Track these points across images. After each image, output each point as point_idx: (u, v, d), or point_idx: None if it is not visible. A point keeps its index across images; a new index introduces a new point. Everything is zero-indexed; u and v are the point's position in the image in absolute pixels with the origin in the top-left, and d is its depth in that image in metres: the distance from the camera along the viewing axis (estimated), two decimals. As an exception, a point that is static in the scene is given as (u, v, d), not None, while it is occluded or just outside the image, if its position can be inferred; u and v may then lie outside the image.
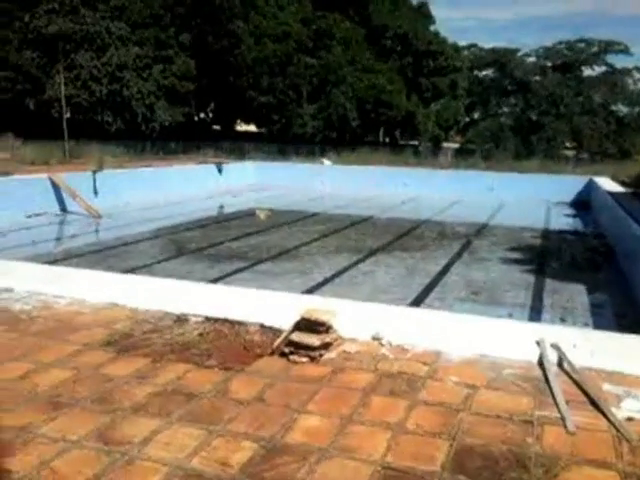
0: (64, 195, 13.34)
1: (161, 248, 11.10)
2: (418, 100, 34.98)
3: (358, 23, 33.67)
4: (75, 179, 13.77)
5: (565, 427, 2.77)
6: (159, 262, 9.49)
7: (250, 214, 15.64)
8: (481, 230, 13.65)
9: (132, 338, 3.94)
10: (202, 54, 29.05)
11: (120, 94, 26.87)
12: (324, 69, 30.57)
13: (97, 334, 4.02)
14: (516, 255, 10.93)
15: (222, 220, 15.27)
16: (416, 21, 35.75)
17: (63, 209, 13.42)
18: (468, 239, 12.38)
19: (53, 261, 8.71)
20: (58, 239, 12.18)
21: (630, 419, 2.86)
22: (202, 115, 37.26)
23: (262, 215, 15.09)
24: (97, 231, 12.60)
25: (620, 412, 2.92)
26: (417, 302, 7.41)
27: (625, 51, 41.57)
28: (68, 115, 25.19)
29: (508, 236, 12.93)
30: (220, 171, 20.00)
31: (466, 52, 43.36)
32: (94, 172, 14.55)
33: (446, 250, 11.19)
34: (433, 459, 2.49)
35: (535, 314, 7.10)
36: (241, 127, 40.71)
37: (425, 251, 11.17)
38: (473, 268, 9.81)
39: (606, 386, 3.22)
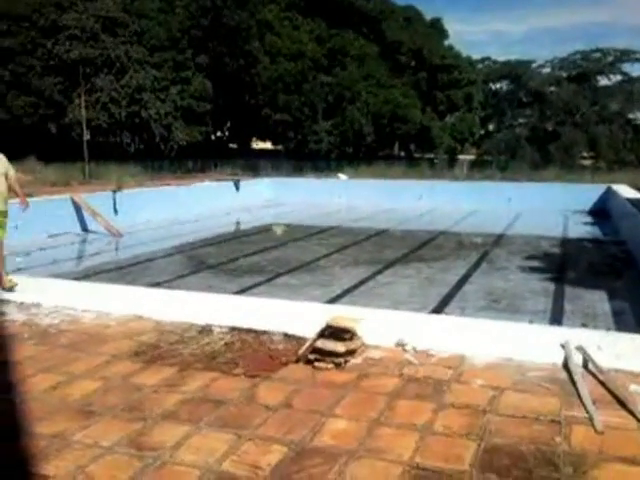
0: (85, 215, 13.54)
1: (181, 264, 11.20)
2: (433, 113, 35.06)
3: (372, 40, 33.92)
4: (95, 199, 13.99)
5: (593, 426, 2.77)
6: (179, 277, 9.57)
7: (267, 229, 15.74)
8: (499, 240, 13.59)
9: (159, 349, 4.01)
10: (218, 74, 29.45)
11: (139, 115, 27.32)
12: (339, 86, 30.79)
13: (124, 345, 4.09)
14: (535, 263, 10.86)
15: (240, 235, 15.38)
16: (430, 36, 35.91)
17: (85, 228, 13.62)
18: (486, 249, 12.34)
19: (75, 279, 8.84)
20: (80, 257, 12.35)
21: (658, 418, 2.85)
22: (219, 134, 37.67)
23: (279, 230, 15.19)
24: (118, 249, 12.76)
25: (648, 411, 2.91)
26: (437, 312, 7.38)
27: (642, 59, 41.37)
28: (88, 137, 25.65)
29: (526, 245, 12.85)
30: (237, 188, 20.17)
31: (480, 65, 43.43)
32: (114, 192, 14.77)
33: (464, 260, 11.15)
34: (462, 459, 2.50)
35: (556, 320, 7.05)
36: (257, 145, 41.06)
37: (443, 261, 11.14)
38: (492, 277, 9.76)
39: (633, 387, 3.20)
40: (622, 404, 2.99)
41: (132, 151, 27.51)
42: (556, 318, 7.26)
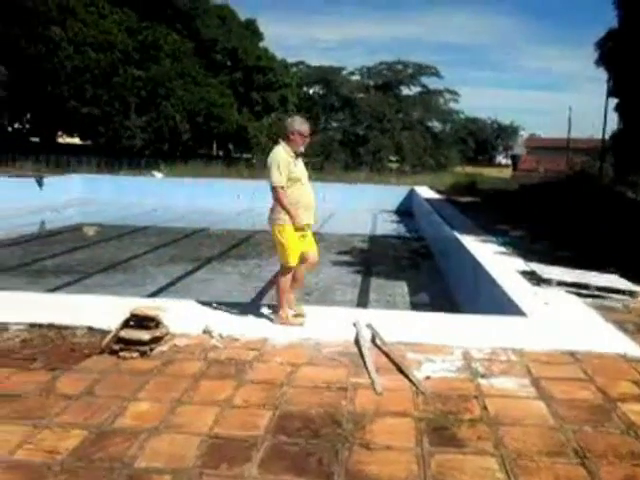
0: None
1: (-25, 266, 10.22)
2: (249, 114, 35.47)
3: (186, 36, 33.38)
4: None
5: (374, 389, 3.14)
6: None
7: (77, 229, 14.92)
8: (314, 237, 14.26)
9: (-56, 350, 3.71)
10: (14, 60, 26.90)
11: None
12: (152, 81, 29.87)
13: None
14: (346, 258, 11.63)
15: (46, 236, 14.35)
16: (245, 37, 36.27)
17: None
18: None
19: None
20: None
21: (427, 378, 3.31)
22: (17, 125, 34.59)
23: (90, 231, 14.50)
24: None
25: (420, 374, 3.36)
26: (251, 304, 7.62)
27: (436, 74, 45.83)
28: None
29: (338, 242, 13.67)
30: (40, 185, 18.72)
31: (294, 69, 44.84)
32: None
33: (279, 256, 11.56)
34: (257, 426, 2.71)
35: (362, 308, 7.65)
36: (63, 139, 38.33)
37: (260, 258, 11.49)
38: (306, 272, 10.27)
39: (410, 355, 3.66)
40: (400, 370, 3.41)
41: None
42: (362, 306, 7.89)
